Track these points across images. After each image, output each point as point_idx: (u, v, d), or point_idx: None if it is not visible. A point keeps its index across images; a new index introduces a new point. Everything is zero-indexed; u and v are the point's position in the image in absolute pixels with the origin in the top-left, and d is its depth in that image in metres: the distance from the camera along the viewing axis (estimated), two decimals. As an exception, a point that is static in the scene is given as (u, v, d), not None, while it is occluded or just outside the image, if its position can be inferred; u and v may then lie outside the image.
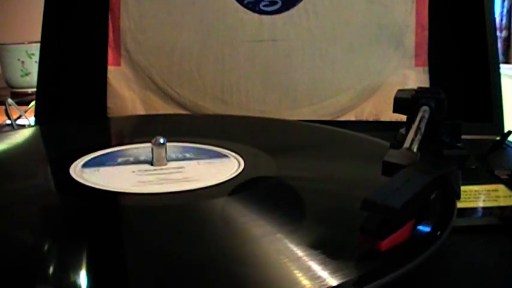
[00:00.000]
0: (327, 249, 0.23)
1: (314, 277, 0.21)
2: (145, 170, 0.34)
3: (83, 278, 0.22)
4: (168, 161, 0.36)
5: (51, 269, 0.22)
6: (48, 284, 0.21)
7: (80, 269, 0.22)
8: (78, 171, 0.34)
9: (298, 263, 0.22)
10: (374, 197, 0.22)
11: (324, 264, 0.22)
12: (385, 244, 0.22)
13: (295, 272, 0.22)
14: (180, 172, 0.34)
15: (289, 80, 0.58)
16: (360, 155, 0.40)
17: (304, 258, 0.22)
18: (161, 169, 0.34)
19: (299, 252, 0.23)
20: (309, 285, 0.20)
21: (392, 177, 0.24)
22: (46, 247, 0.25)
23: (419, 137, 0.28)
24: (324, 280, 0.21)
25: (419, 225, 0.25)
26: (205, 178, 0.32)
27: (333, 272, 0.21)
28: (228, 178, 0.33)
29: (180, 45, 0.58)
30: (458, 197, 0.28)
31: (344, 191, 0.32)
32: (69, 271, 0.22)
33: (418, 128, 0.28)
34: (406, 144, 0.27)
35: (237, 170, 0.34)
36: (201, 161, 0.36)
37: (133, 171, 0.34)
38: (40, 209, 0.29)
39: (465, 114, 0.56)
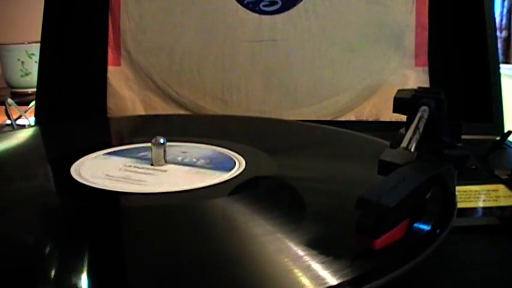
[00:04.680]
0: (327, 249, 0.23)
1: (314, 277, 0.21)
2: (134, 166, 0.35)
3: (83, 278, 0.22)
4: (171, 162, 0.35)
5: (51, 269, 0.22)
6: (48, 284, 0.21)
7: (80, 269, 0.22)
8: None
9: (298, 263, 0.22)
10: (368, 195, 0.22)
11: (323, 263, 0.22)
12: (380, 243, 0.22)
13: (295, 271, 0.22)
14: (153, 175, 0.33)
15: (289, 80, 0.58)
16: (360, 155, 0.40)
17: (304, 258, 0.22)
18: (146, 168, 0.34)
19: (299, 252, 0.23)
20: (309, 285, 0.20)
21: (388, 176, 0.24)
22: (46, 247, 0.25)
23: (417, 136, 0.28)
24: (324, 280, 0.21)
25: (414, 224, 0.25)
26: (166, 185, 0.32)
27: (333, 271, 0.21)
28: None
29: (180, 45, 0.58)
30: (453, 196, 0.28)
31: (344, 191, 0.32)
32: (69, 271, 0.22)
33: (417, 127, 0.28)
34: (404, 144, 0.27)
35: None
36: (198, 169, 0.35)
37: (121, 165, 0.35)
38: (40, 209, 0.29)
39: (465, 114, 0.56)
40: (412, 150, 0.27)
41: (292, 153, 0.40)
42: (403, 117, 0.32)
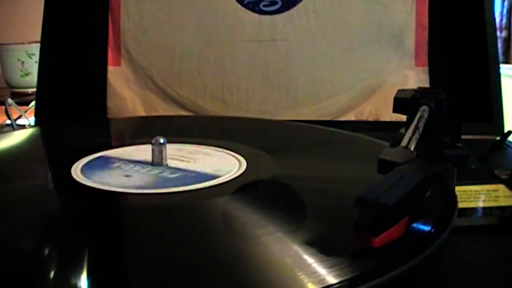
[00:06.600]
0: (327, 248, 0.23)
1: (314, 276, 0.21)
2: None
3: (83, 278, 0.22)
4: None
5: (51, 269, 0.22)
6: (48, 284, 0.21)
7: (80, 269, 0.22)
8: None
9: (298, 262, 0.22)
10: (367, 194, 0.22)
11: (323, 262, 0.22)
12: (379, 241, 0.22)
13: (295, 271, 0.22)
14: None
15: (289, 80, 0.58)
16: (359, 156, 0.40)
17: (304, 257, 0.22)
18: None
19: (299, 251, 0.23)
20: (309, 284, 0.20)
21: (387, 175, 0.24)
22: (46, 247, 0.25)
23: (417, 136, 0.28)
24: (324, 279, 0.21)
25: (413, 222, 0.25)
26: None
27: (333, 270, 0.21)
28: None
29: (180, 45, 0.58)
30: (454, 195, 0.28)
31: (343, 191, 0.32)
32: (69, 271, 0.22)
33: (416, 127, 0.28)
34: (403, 143, 0.27)
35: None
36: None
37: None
38: (40, 209, 0.29)
39: (465, 114, 0.56)
40: (412, 149, 0.27)
41: (292, 154, 0.40)
42: (403, 117, 0.32)
